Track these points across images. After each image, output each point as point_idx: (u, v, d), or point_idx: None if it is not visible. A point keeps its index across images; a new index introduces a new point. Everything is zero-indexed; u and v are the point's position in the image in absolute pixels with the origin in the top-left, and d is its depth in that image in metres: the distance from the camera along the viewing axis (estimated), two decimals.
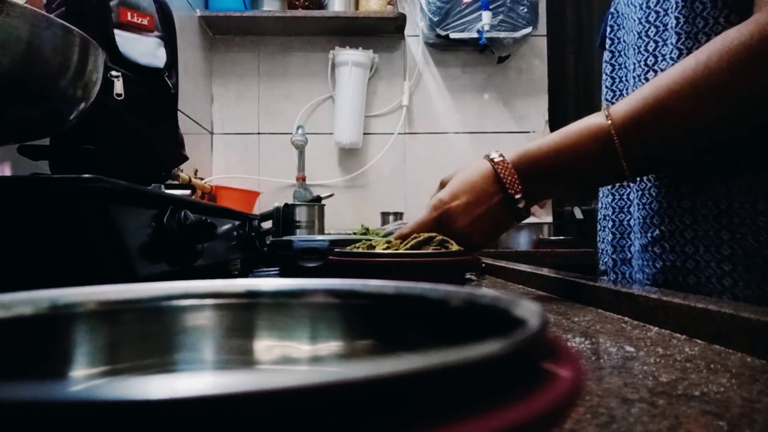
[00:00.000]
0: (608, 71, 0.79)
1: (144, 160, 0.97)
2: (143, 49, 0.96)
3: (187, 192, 1.02)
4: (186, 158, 1.13)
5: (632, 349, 0.35)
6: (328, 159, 2.23)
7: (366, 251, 0.60)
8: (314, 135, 2.11)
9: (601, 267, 0.82)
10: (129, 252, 0.46)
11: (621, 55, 0.76)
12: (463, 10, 2.03)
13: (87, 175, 0.42)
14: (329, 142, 2.17)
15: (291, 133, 2.01)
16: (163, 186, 0.69)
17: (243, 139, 2.23)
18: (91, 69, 0.57)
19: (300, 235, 1.27)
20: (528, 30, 2.03)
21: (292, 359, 0.23)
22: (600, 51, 0.83)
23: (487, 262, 0.98)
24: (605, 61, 0.80)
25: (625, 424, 0.21)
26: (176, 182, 1.29)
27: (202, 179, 1.87)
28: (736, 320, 0.34)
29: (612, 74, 0.78)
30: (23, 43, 0.48)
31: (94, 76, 0.59)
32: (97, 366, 0.21)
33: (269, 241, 0.99)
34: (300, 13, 2.08)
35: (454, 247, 0.58)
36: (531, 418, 0.11)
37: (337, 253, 0.61)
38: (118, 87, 0.90)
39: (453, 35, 2.05)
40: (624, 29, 0.75)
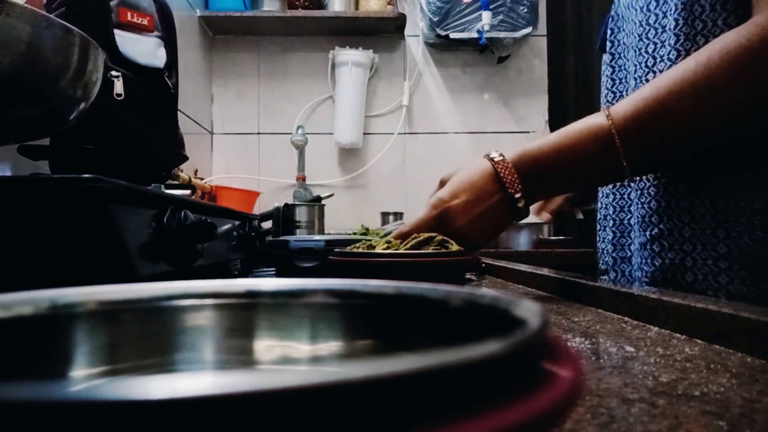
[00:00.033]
0: (608, 73, 0.79)
1: (144, 160, 0.97)
2: (143, 49, 0.96)
3: (187, 192, 1.02)
4: (186, 158, 1.13)
5: (632, 349, 0.35)
6: (328, 159, 2.23)
7: (366, 251, 0.60)
8: (314, 135, 2.11)
9: (601, 266, 0.82)
10: (129, 252, 0.46)
11: (621, 57, 0.77)
12: (463, 10, 2.03)
13: (87, 175, 0.42)
14: (329, 142, 2.17)
15: (291, 133, 2.01)
16: (163, 186, 0.69)
17: (243, 139, 2.23)
18: (91, 69, 0.57)
19: (296, 236, 1.27)
20: (528, 30, 2.03)
21: (292, 359, 0.23)
22: (600, 54, 0.83)
23: (487, 262, 0.98)
24: (605, 63, 0.80)
25: (625, 424, 0.21)
26: (176, 182, 1.29)
27: (202, 179, 1.87)
28: (736, 320, 0.34)
29: (612, 76, 0.78)
30: (23, 43, 0.48)
31: (94, 76, 0.59)
32: (97, 366, 0.21)
33: (266, 241, 0.99)
34: (300, 13, 2.08)
35: (454, 247, 0.58)
36: (531, 418, 0.11)
37: (337, 253, 0.61)
38: (118, 87, 0.90)
39: (453, 35, 2.05)
40: (624, 32, 0.75)
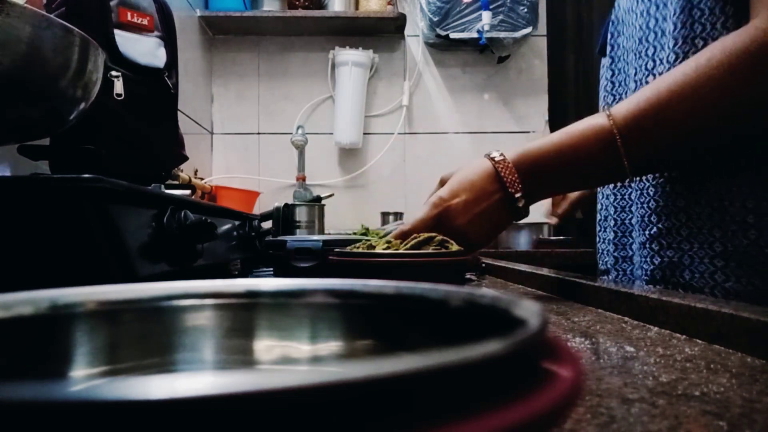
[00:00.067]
0: (608, 76, 0.79)
1: (144, 160, 0.97)
2: (143, 49, 0.96)
3: (187, 192, 1.02)
4: (186, 158, 1.13)
5: (632, 349, 0.35)
6: (328, 159, 2.23)
7: (366, 251, 0.60)
8: (314, 135, 2.11)
9: (602, 266, 0.82)
10: (129, 252, 0.46)
11: (621, 60, 0.77)
12: (463, 10, 2.03)
13: (87, 175, 0.42)
14: (329, 142, 2.17)
15: (291, 133, 2.01)
16: (163, 186, 0.69)
17: (243, 139, 2.23)
18: (91, 69, 0.57)
19: (294, 235, 1.27)
20: (528, 30, 2.03)
21: (292, 359, 0.23)
22: (599, 58, 0.83)
23: (487, 262, 0.98)
24: (605, 66, 0.81)
25: (625, 424, 0.21)
26: (176, 182, 1.29)
27: (202, 179, 1.87)
28: (736, 320, 0.34)
29: (612, 79, 0.79)
30: (23, 43, 0.48)
31: (94, 76, 0.59)
32: (97, 366, 0.21)
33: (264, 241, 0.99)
34: (300, 13, 2.08)
35: (454, 247, 0.58)
36: (531, 418, 0.11)
37: (337, 253, 0.61)
38: (118, 87, 0.90)
39: (453, 35, 2.04)
40: (624, 36, 0.76)
